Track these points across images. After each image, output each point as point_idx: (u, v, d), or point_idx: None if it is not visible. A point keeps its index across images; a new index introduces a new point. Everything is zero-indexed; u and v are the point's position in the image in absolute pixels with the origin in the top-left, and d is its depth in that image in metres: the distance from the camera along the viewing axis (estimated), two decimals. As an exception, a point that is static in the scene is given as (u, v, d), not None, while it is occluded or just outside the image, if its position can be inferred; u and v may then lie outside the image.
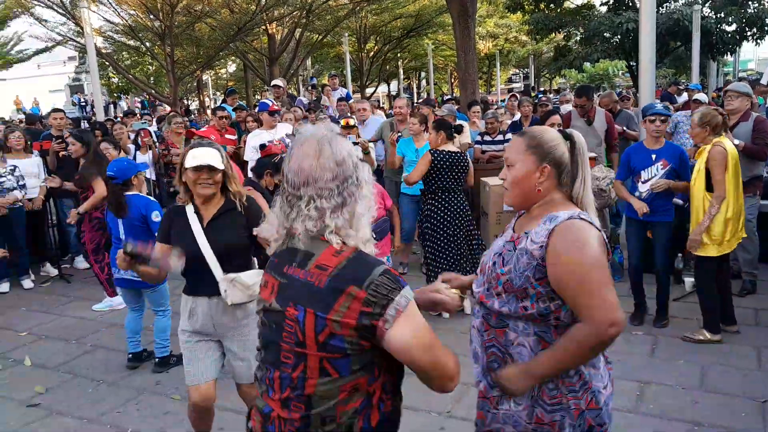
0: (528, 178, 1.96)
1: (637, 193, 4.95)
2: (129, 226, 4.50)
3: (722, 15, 17.00)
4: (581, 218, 1.87)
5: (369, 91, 29.98)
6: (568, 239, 1.82)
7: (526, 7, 19.17)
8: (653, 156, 4.90)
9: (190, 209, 3.08)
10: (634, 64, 17.10)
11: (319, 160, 1.61)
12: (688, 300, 5.48)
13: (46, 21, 17.88)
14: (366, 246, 1.68)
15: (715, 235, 4.44)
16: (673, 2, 18.75)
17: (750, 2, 16.79)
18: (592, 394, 1.90)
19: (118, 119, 11.38)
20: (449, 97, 13.76)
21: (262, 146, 6.03)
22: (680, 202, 5.72)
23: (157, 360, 4.70)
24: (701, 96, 8.36)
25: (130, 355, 4.80)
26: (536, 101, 10.48)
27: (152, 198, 4.64)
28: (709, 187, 4.45)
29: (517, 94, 11.96)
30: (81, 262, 7.64)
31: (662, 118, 4.91)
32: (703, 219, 4.43)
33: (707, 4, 17.39)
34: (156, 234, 3.22)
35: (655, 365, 4.38)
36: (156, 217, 4.38)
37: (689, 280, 5.73)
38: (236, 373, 3.23)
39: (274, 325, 1.67)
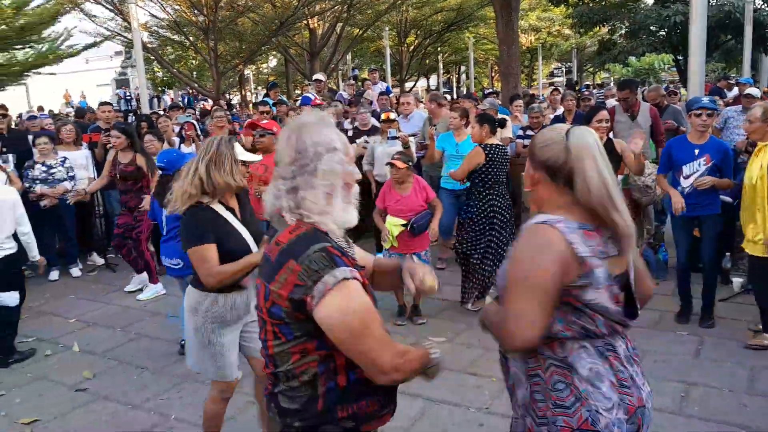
0: (532, 185, 1.88)
1: (679, 188, 4.83)
2: (172, 218, 4.58)
3: (776, 7, 16.43)
4: (550, 224, 1.73)
5: (408, 85, 29.91)
6: (520, 244, 1.77)
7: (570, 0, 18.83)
8: (696, 151, 4.77)
9: (219, 207, 2.99)
10: (682, 58, 16.64)
11: (285, 147, 1.78)
12: (736, 300, 5.32)
13: (95, 16, 18.34)
14: (343, 214, 1.78)
15: None
16: (723, -7, 18.17)
17: (806, -7, 16.19)
18: (588, 413, 1.73)
19: (163, 113, 11.60)
20: (491, 90, 13.59)
21: None
22: (729, 199, 5.55)
23: None
24: (753, 90, 8.02)
25: (184, 341, 4.87)
26: (579, 96, 10.27)
27: None
28: None
29: (560, 88, 11.78)
30: (126, 252, 7.84)
31: (709, 112, 4.75)
32: None
33: (760, -4, 16.84)
34: (194, 236, 2.92)
35: (701, 366, 4.27)
36: None
37: (737, 281, 5.57)
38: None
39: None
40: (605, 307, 1.76)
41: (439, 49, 30.96)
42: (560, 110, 8.89)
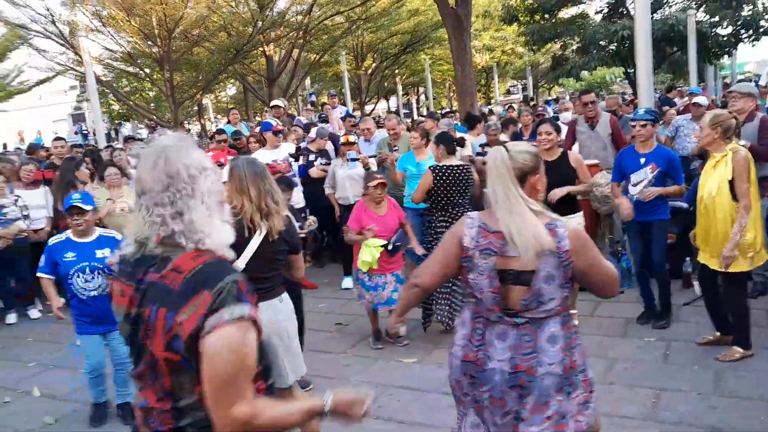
0: None
1: (628, 196, 4.95)
2: None
3: (717, 19, 17.01)
4: (467, 217, 2.44)
5: (368, 108, 30.09)
6: None
7: (521, 18, 19.23)
8: (642, 159, 4.90)
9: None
10: (632, 70, 17.12)
11: (153, 173, 1.70)
12: (698, 304, 5.41)
13: (45, 51, 18.00)
14: (224, 251, 1.75)
15: (745, 248, 4.15)
16: (667, 8, 18.80)
17: (744, 5, 16.81)
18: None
19: (118, 145, 11.42)
20: (447, 110, 13.71)
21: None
22: (685, 205, 5.68)
23: None
24: (701, 99, 8.26)
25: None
26: (534, 112, 10.49)
27: None
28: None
29: (514, 105, 11.99)
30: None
31: (642, 122, 4.90)
32: (734, 232, 4.09)
33: (702, 9, 17.42)
34: None
35: (668, 371, 4.33)
36: None
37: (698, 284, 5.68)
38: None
39: (134, 327, 1.73)
40: (480, 289, 2.31)
41: (396, 71, 31.23)
42: (518, 126, 9.04)
